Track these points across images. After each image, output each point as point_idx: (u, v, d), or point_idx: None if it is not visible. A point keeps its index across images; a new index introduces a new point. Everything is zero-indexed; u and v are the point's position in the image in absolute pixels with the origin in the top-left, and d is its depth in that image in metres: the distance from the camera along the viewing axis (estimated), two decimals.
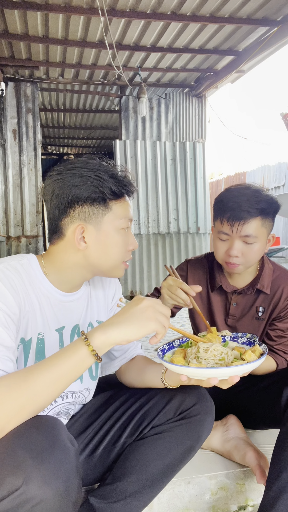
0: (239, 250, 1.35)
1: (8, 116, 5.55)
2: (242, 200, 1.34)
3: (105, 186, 1.02)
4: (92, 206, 1.02)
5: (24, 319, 1.00)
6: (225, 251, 1.38)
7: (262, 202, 1.34)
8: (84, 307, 1.17)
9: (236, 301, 1.52)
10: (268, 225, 1.39)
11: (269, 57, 4.89)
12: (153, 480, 1.07)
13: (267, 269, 1.49)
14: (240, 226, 1.33)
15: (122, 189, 1.05)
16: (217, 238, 1.41)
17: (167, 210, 6.02)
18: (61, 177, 1.03)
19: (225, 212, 1.35)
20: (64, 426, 0.88)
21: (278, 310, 1.47)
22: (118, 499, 1.06)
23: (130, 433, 1.12)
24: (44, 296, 1.06)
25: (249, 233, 1.33)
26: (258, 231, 1.35)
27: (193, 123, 6.29)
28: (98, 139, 9.14)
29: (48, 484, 0.74)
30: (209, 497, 1.35)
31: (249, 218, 1.32)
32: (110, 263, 1.07)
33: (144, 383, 1.18)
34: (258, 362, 0.93)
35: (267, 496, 1.14)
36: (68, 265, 1.06)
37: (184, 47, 4.80)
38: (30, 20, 4.16)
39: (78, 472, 0.82)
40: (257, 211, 1.33)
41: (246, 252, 1.36)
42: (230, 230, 1.35)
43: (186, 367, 0.93)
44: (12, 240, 5.60)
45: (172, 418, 1.09)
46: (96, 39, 4.55)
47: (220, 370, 0.91)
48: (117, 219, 1.05)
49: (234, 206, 1.34)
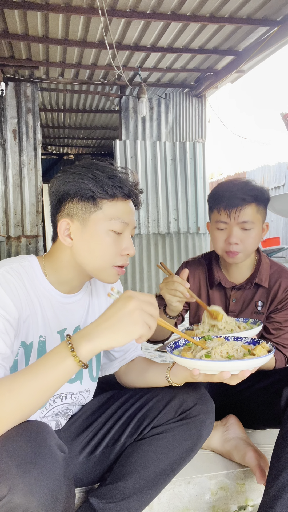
0: (238, 237, 1.40)
1: (8, 116, 5.56)
2: (235, 189, 1.40)
3: (98, 184, 1.00)
4: (80, 202, 1.02)
5: (25, 323, 1.00)
6: (224, 240, 1.42)
7: (254, 189, 1.41)
8: (85, 309, 1.16)
9: (235, 297, 1.55)
10: (262, 212, 1.44)
11: (269, 57, 4.90)
12: (153, 480, 1.07)
13: (265, 264, 1.53)
14: (237, 212, 1.38)
15: (115, 189, 1.01)
16: (215, 229, 1.45)
17: (167, 210, 6.02)
18: (60, 176, 1.05)
19: (221, 201, 1.41)
20: (52, 432, 0.87)
21: (276, 302, 1.50)
22: (118, 499, 1.06)
23: (130, 434, 1.12)
24: (45, 298, 1.05)
25: (246, 219, 1.39)
26: (254, 216, 1.41)
27: (193, 123, 6.29)
28: (98, 139, 9.14)
29: (33, 493, 0.73)
30: (209, 497, 1.35)
31: (245, 204, 1.39)
32: (96, 264, 1.03)
33: (146, 383, 1.18)
34: (269, 357, 0.94)
35: (267, 496, 1.14)
36: (63, 264, 1.06)
37: (184, 47, 4.80)
38: (30, 20, 4.16)
39: (66, 480, 0.81)
40: (251, 197, 1.39)
41: (244, 239, 1.41)
42: (228, 217, 1.40)
43: (199, 361, 0.93)
44: (12, 240, 5.60)
45: (173, 418, 1.09)
46: (96, 39, 4.55)
47: (233, 363, 0.91)
48: (107, 219, 1.02)
49: (230, 195, 1.40)
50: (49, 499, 0.75)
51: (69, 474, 0.84)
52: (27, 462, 0.75)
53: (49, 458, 0.78)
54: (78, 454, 1.15)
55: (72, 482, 0.86)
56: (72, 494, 0.86)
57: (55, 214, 1.06)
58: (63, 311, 1.09)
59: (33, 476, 0.74)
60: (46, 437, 0.82)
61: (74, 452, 1.15)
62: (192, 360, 0.94)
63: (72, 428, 1.19)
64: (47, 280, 1.06)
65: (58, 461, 0.80)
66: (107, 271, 1.05)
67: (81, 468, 1.15)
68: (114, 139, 6.35)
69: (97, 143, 9.60)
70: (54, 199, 1.05)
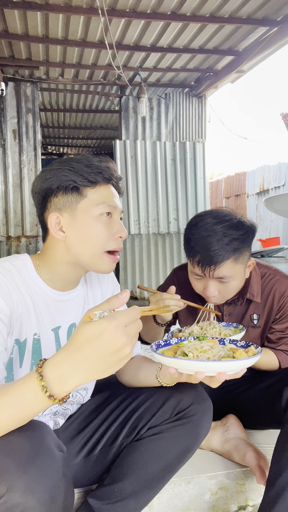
0: (215, 289, 1.31)
1: (8, 116, 5.55)
2: (211, 241, 1.24)
3: (78, 173, 1.02)
4: (65, 195, 1.03)
5: (18, 321, 1.00)
6: (202, 290, 1.35)
7: (234, 241, 1.24)
8: (81, 306, 1.16)
9: (228, 311, 1.49)
10: (244, 258, 1.30)
11: (269, 57, 4.90)
12: (151, 480, 1.07)
13: (255, 276, 1.45)
14: (211, 271, 1.26)
15: (95, 175, 1.03)
16: (191, 275, 1.36)
17: (167, 210, 6.01)
18: (39, 176, 1.07)
19: (195, 255, 1.28)
20: (51, 431, 0.86)
21: (274, 314, 1.45)
22: (116, 500, 1.06)
23: (127, 434, 1.12)
24: (38, 296, 1.05)
25: (223, 274, 1.27)
26: (233, 270, 1.28)
27: (193, 123, 6.29)
28: (98, 139, 9.14)
29: (31, 492, 0.73)
30: (209, 497, 1.35)
31: (221, 261, 1.24)
32: (91, 252, 1.03)
33: (139, 382, 1.17)
34: (248, 361, 0.90)
35: (267, 496, 1.13)
36: (57, 260, 1.06)
37: (184, 47, 4.80)
38: (30, 20, 4.16)
39: (65, 479, 0.81)
40: (229, 253, 1.24)
41: (222, 290, 1.32)
42: (203, 273, 1.29)
43: (173, 358, 0.92)
44: (12, 240, 5.60)
45: (169, 418, 1.08)
46: (96, 39, 4.55)
47: (206, 364, 0.88)
48: (94, 206, 1.03)
49: (203, 250, 1.25)
50: (47, 498, 0.75)
51: (68, 473, 0.83)
52: (25, 461, 0.75)
53: (47, 457, 0.78)
54: (76, 454, 1.15)
55: (71, 481, 0.86)
56: (71, 493, 0.86)
57: (43, 213, 1.07)
58: (57, 308, 1.09)
59: (32, 475, 0.74)
60: (44, 436, 0.82)
61: (72, 452, 1.14)
62: (166, 358, 0.92)
63: (70, 428, 1.19)
64: (41, 278, 1.06)
65: (57, 460, 0.79)
66: (102, 258, 1.05)
67: (79, 469, 1.15)
68: (114, 139, 6.34)
69: (97, 143, 9.60)
70: (39, 198, 1.06)
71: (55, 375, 0.71)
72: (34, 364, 1.05)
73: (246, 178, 9.90)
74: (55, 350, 1.09)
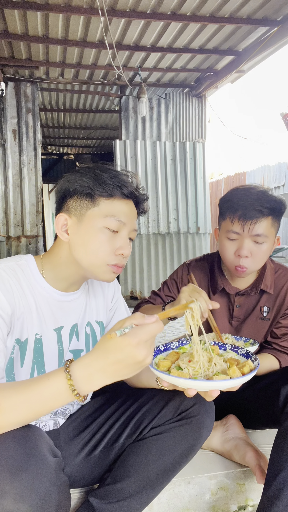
0: (248, 250, 1.34)
1: (8, 116, 5.55)
2: (253, 199, 1.32)
3: (97, 182, 1.03)
4: (79, 199, 1.04)
5: (19, 320, 1.01)
6: (235, 251, 1.36)
7: (272, 201, 1.33)
8: (82, 307, 1.17)
9: (240, 302, 1.51)
10: (276, 225, 1.38)
11: (269, 57, 4.89)
12: (153, 480, 1.07)
13: (269, 269, 1.49)
14: (252, 225, 1.31)
15: (114, 188, 1.03)
16: (225, 238, 1.38)
17: (167, 210, 6.01)
18: (66, 176, 1.09)
19: (236, 210, 1.33)
20: (45, 436, 0.86)
21: (284, 309, 1.48)
22: (118, 499, 1.06)
23: (129, 434, 1.12)
24: (41, 296, 1.06)
25: (260, 232, 1.32)
26: (268, 230, 1.34)
27: (193, 123, 6.29)
28: (98, 139, 9.14)
29: (22, 499, 0.72)
30: (209, 497, 1.35)
31: (261, 217, 1.31)
32: (90, 260, 1.03)
33: (141, 383, 1.18)
34: (239, 380, 0.89)
35: (265, 495, 1.13)
36: (62, 260, 1.07)
37: (184, 47, 4.80)
38: (30, 20, 4.16)
39: (59, 485, 0.80)
40: (268, 211, 1.32)
41: (255, 252, 1.35)
42: (241, 229, 1.33)
43: (164, 374, 0.92)
44: (12, 240, 5.60)
45: (172, 418, 1.09)
46: (96, 39, 4.55)
47: (197, 383, 0.88)
48: (102, 216, 1.02)
49: (246, 204, 1.31)
50: (39, 504, 0.74)
51: (62, 478, 0.82)
52: (16, 467, 0.74)
53: (39, 463, 0.77)
54: (77, 454, 1.15)
55: (66, 487, 0.85)
56: (66, 499, 0.85)
57: (58, 213, 1.09)
58: (60, 309, 1.10)
59: (23, 481, 0.73)
60: (37, 442, 0.81)
61: (72, 452, 1.14)
62: (158, 372, 0.93)
63: (70, 428, 1.19)
64: (44, 278, 1.07)
65: (49, 465, 0.78)
66: (102, 268, 1.04)
67: (80, 468, 1.15)
68: (114, 139, 6.34)
69: (97, 143, 9.60)
70: (58, 197, 1.09)
71: (83, 375, 0.78)
72: (36, 363, 1.05)
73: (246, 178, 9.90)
74: (57, 350, 1.09)
